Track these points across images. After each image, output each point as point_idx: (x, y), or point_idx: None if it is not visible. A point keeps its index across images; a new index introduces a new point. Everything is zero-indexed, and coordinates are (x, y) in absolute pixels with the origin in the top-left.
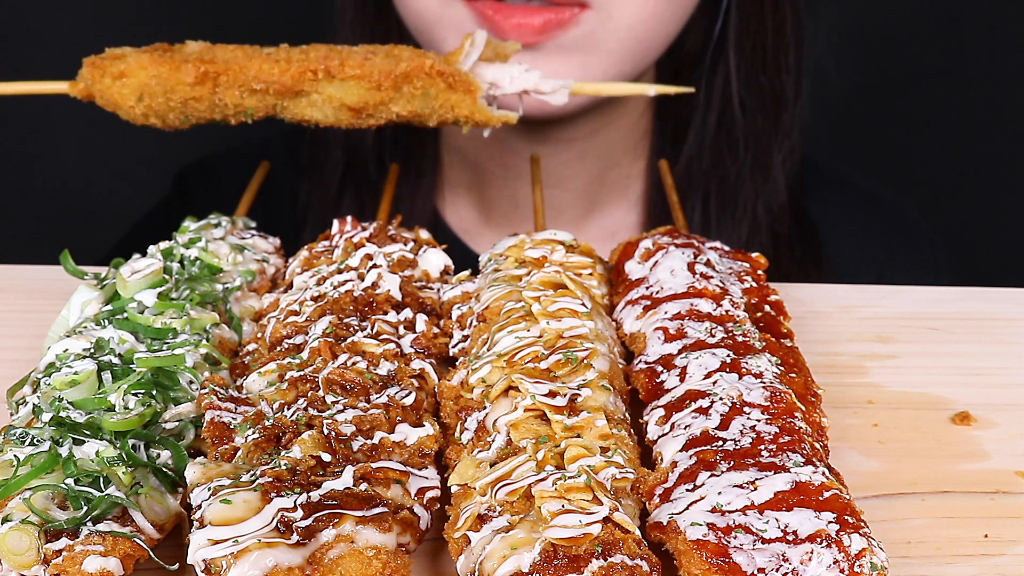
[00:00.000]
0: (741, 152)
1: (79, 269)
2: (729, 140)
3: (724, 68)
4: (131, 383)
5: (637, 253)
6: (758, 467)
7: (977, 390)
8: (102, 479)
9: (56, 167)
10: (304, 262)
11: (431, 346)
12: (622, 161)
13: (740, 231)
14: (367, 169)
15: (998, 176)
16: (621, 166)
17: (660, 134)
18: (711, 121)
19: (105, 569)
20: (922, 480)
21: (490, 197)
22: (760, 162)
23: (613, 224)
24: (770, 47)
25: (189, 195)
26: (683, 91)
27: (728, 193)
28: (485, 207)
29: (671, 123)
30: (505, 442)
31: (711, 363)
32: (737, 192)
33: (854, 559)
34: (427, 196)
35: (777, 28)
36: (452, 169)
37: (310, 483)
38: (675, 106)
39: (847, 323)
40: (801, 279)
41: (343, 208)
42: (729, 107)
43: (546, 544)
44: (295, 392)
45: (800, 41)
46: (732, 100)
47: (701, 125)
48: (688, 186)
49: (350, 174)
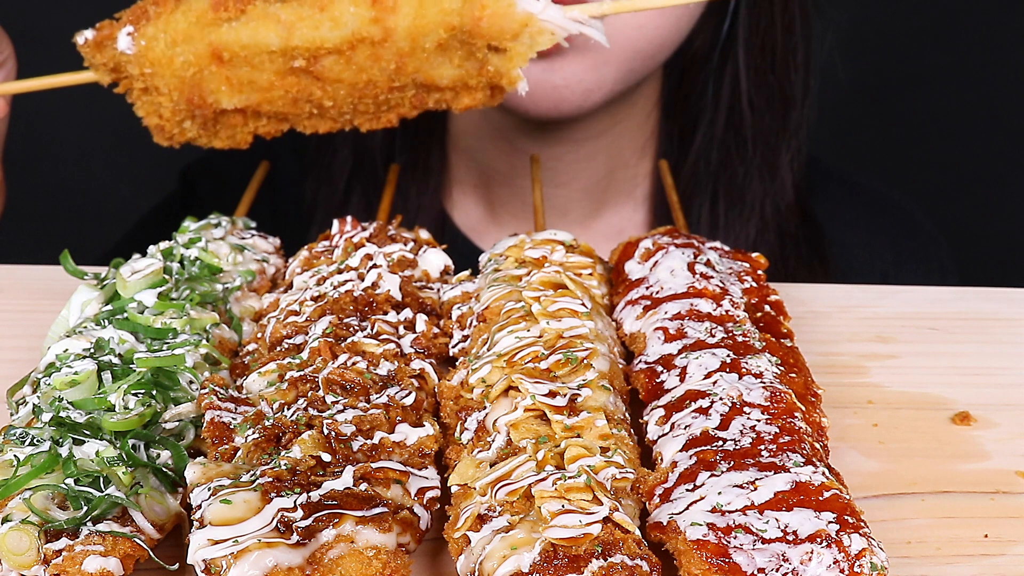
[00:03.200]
0: (749, 151)
1: (79, 269)
2: (737, 139)
3: (733, 67)
4: (131, 383)
5: (637, 253)
6: (758, 467)
7: (977, 390)
8: (102, 479)
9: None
10: (304, 262)
11: (431, 346)
12: (629, 161)
13: (748, 230)
14: (375, 167)
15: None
16: (628, 166)
17: (667, 134)
18: (719, 120)
19: (105, 569)
20: (922, 480)
21: (497, 196)
22: (768, 161)
23: (620, 223)
24: (780, 46)
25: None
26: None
27: (736, 192)
28: (492, 205)
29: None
30: (505, 442)
31: (711, 363)
32: (745, 191)
33: (854, 559)
34: (434, 194)
35: (786, 27)
36: (459, 167)
37: (310, 483)
38: (683, 105)
39: (847, 323)
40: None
41: (350, 206)
42: (738, 106)
43: (546, 544)
44: (295, 392)
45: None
46: (741, 99)
47: (709, 124)
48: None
49: (358, 172)
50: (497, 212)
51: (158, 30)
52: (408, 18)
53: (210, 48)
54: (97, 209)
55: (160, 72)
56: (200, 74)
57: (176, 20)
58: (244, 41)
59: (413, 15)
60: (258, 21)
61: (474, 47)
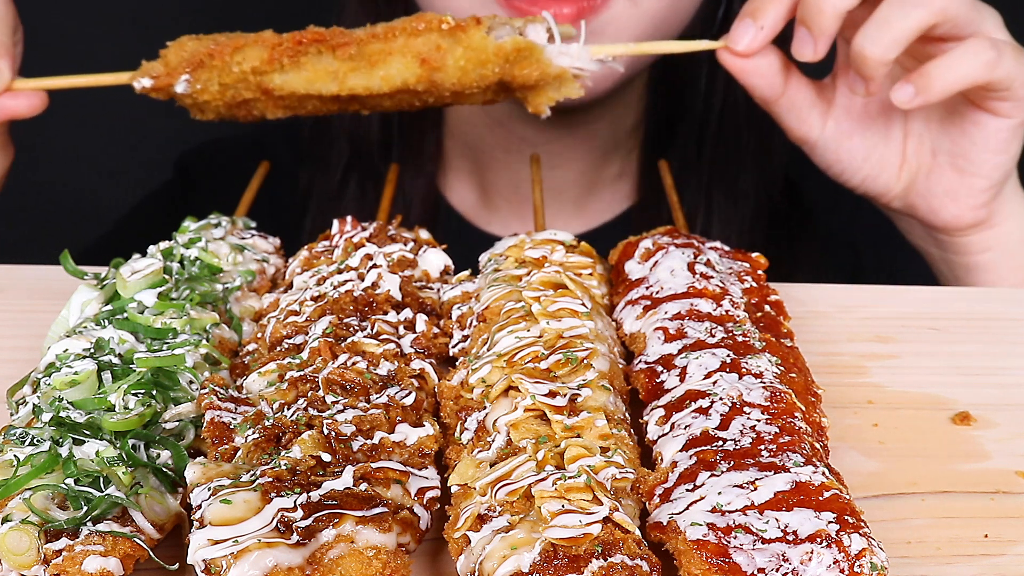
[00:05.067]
0: (744, 136)
1: (79, 269)
2: (732, 124)
3: None
4: (131, 383)
5: (637, 253)
6: (758, 467)
7: (977, 390)
8: (102, 479)
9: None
10: (304, 262)
11: (431, 346)
12: (621, 143)
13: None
14: (372, 155)
15: None
16: (620, 148)
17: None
18: (715, 106)
19: (105, 569)
20: (922, 480)
21: (491, 181)
22: (762, 146)
23: (612, 204)
24: None
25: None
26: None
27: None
28: (486, 190)
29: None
30: (505, 442)
31: (711, 363)
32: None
33: (854, 559)
34: (430, 179)
35: None
36: (454, 152)
37: (310, 483)
38: (673, 89)
39: (847, 323)
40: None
41: (346, 196)
42: (731, 92)
43: (546, 544)
44: (295, 392)
45: None
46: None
47: (704, 110)
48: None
49: (355, 161)
50: (490, 196)
51: (213, 76)
52: (453, 76)
53: (262, 89)
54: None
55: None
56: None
57: (231, 68)
58: (297, 89)
59: (458, 75)
60: (311, 72)
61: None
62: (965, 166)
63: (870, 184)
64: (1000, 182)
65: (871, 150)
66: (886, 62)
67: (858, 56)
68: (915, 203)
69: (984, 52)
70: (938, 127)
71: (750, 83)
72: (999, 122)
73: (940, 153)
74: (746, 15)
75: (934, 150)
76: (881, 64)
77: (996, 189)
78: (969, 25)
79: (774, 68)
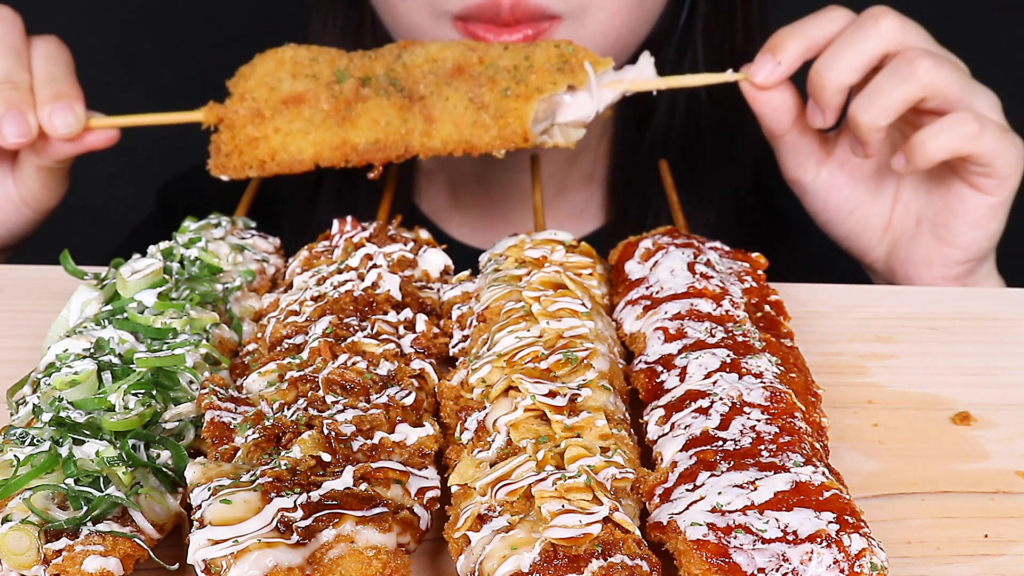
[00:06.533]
0: (708, 137)
1: (79, 269)
2: (697, 125)
3: (692, 55)
4: (131, 383)
5: (637, 253)
6: (758, 467)
7: (977, 390)
8: (102, 479)
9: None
10: (304, 262)
11: (431, 346)
12: (590, 143)
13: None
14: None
15: None
16: (589, 148)
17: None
18: (679, 107)
19: (105, 569)
20: (922, 480)
21: (459, 181)
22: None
23: (580, 203)
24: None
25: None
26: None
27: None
28: (455, 190)
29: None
30: (505, 442)
31: (711, 363)
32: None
33: (854, 559)
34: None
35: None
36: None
37: (310, 483)
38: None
39: (847, 323)
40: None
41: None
42: (696, 93)
43: (546, 544)
44: (295, 392)
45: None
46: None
47: (669, 110)
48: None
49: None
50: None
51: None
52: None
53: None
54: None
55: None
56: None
57: None
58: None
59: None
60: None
61: None
62: (944, 235)
63: (853, 240)
64: (976, 258)
65: (858, 206)
66: (877, 128)
67: (853, 122)
68: (895, 268)
69: (966, 125)
70: (926, 196)
71: (761, 112)
72: (980, 198)
73: (923, 221)
74: (767, 50)
75: (919, 218)
76: (873, 130)
77: (972, 264)
78: (959, 102)
79: (786, 105)
